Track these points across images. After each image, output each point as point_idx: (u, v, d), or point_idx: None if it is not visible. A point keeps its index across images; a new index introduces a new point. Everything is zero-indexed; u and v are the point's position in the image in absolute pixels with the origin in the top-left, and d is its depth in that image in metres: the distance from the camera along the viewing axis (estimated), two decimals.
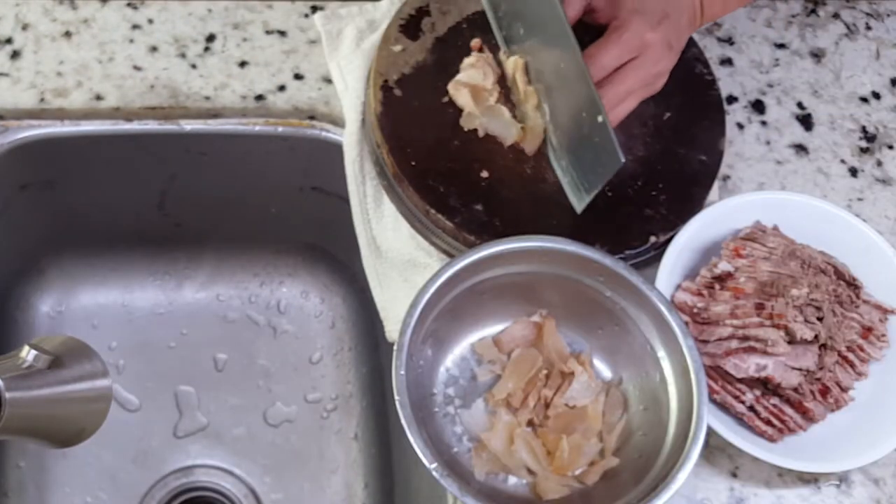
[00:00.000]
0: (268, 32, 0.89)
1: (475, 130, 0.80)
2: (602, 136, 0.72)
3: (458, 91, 0.80)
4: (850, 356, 0.77)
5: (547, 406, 0.75)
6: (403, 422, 0.66)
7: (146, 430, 0.98)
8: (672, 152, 0.82)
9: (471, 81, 0.80)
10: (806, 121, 0.90)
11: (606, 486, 0.71)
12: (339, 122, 0.86)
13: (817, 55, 0.94)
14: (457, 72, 0.81)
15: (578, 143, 0.76)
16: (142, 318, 1.02)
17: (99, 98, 0.85)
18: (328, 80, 0.87)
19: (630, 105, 0.76)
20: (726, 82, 0.91)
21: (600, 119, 0.72)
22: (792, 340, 0.73)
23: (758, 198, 0.81)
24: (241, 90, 0.87)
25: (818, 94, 0.92)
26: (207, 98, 0.86)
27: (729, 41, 0.93)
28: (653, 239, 0.78)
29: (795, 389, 0.74)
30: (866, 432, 0.74)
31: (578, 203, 0.77)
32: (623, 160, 0.71)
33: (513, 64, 0.80)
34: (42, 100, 0.85)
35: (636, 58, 0.75)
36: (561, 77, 0.76)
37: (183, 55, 0.87)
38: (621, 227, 0.78)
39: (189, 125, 0.86)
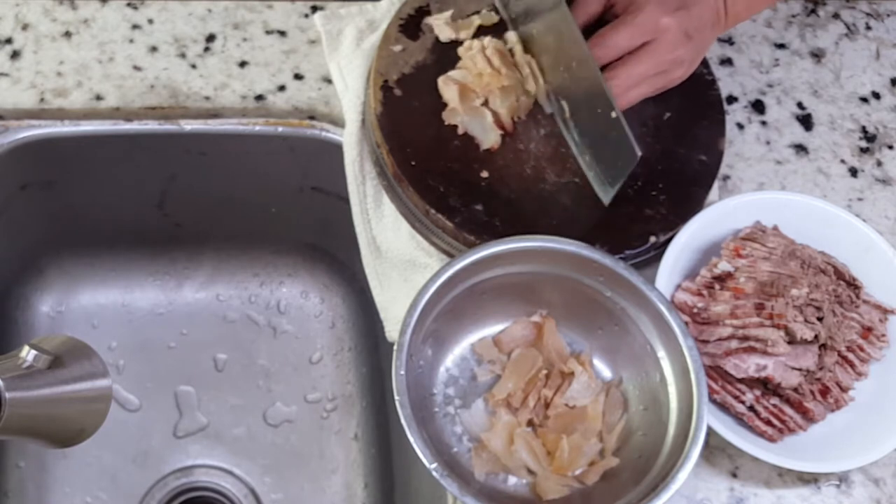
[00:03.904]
0: (268, 32, 0.89)
1: None
2: (618, 132, 0.73)
3: (447, 86, 0.80)
4: (850, 356, 0.77)
5: (547, 406, 0.75)
6: (403, 422, 0.66)
7: (146, 430, 0.98)
8: (672, 152, 0.82)
9: (462, 80, 0.80)
10: (806, 121, 0.90)
11: (606, 486, 0.71)
12: (339, 122, 0.86)
13: (817, 55, 0.94)
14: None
15: (597, 138, 0.77)
16: (142, 318, 1.02)
17: (99, 98, 0.85)
18: (328, 80, 0.87)
19: (643, 91, 0.76)
20: (726, 82, 0.91)
21: (614, 115, 0.73)
22: (792, 340, 0.73)
23: (758, 198, 0.81)
24: (241, 90, 0.87)
25: (818, 94, 0.92)
26: (207, 98, 0.86)
27: (729, 41, 0.93)
28: (653, 239, 0.78)
29: (795, 389, 0.74)
30: (866, 432, 0.74)
31: (605, 196, 0.78)
32: (639, 154, 0.71)
33: (513, 38, 0.82)
34: (42, 100, 0.85)
35: (650, 42, 0.75)
36: (574, 75, 0.76)
37: (183, 55, 0.87)
38: (621, 227, 0.78)
39: (189, 125, 0.86)
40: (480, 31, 0.84)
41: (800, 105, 0.91)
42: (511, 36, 0.83)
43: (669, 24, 0.74)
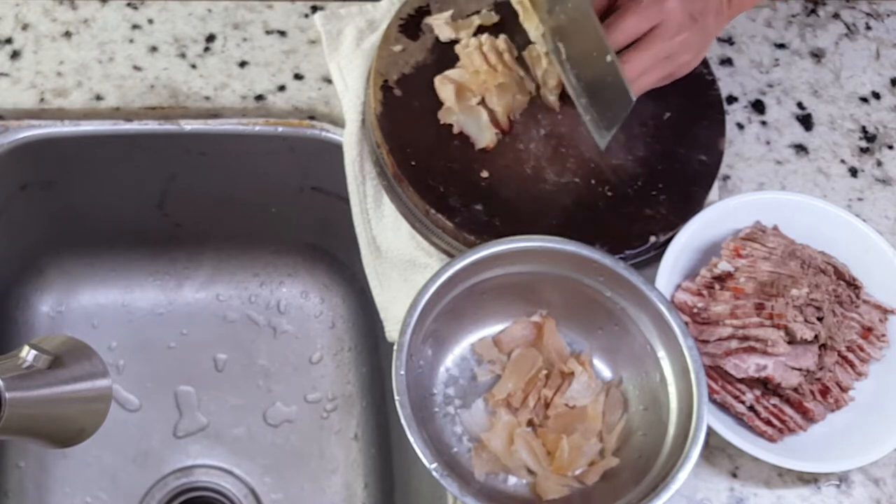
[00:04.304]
0: (268, 32, 0.89)
1: None
2: (612, 76, 0.73)
3: (443, 85, 0.80)
4: (850, 356, 0.77)
5: (547, 406, 0.75)
6: (403, 422, 0.66)
7: (146, 430, 0.98)
8: (672, 152, 0.82)
9: (459, 79, 0.80)
10: (806, 121, 0.90)
11: (606, 486, 0.71)
12: (339, 122, 0.86)
13: (817, 55, 0.94)
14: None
15: (593, 81, 0.76)
16: (142, 318, 1.02)
17: (99, 98, 0.85)
18: (328, 80, 0.87)
19: (653, 77, 0.76)
20: (726, 82, 0.91)
21: (609, 59, 0.73)
22: (792, 340, 0.73)
23: (758, 198, 0.82)
24: (241, 90, 0.87)
25: (818, 94, 0.92)
26: (207, 98, 0.86)
27: (729, 41, 0.93)
28: (653, 239, 0.78)
29: (795, 389, 0.74)
30: (866, 432, 0.74)
31: (600, 140, 0.78)
32: (634, 99, 0.72)
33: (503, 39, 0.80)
34: (42, 100, 0.85)
35: (657, 26, 0.75)
36: (570, 17, 0.76)
37: (183, 55, 0.87)
38: (621, 227, 0.78)
39: (189, 125, 0.86)
40: (480, 31, 0.84)
41: (800, 105, 0.91)
42: (503, 38, 0.82)
43: (674, 6, 0.74)
